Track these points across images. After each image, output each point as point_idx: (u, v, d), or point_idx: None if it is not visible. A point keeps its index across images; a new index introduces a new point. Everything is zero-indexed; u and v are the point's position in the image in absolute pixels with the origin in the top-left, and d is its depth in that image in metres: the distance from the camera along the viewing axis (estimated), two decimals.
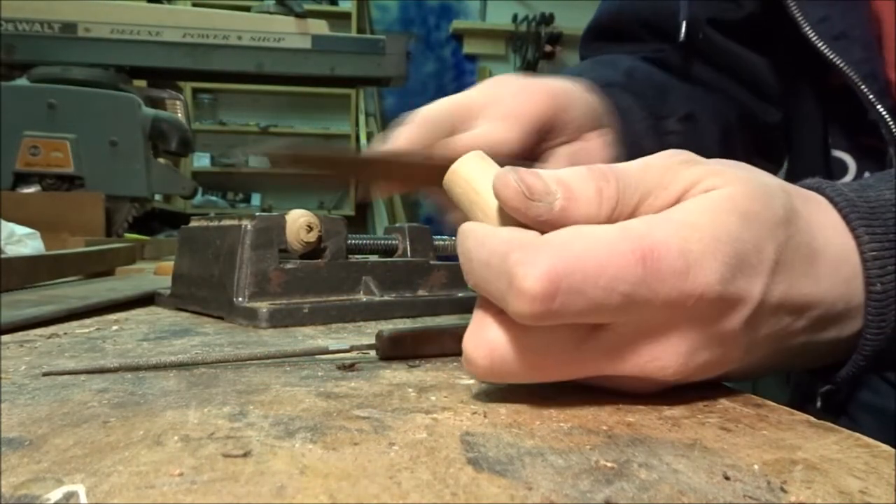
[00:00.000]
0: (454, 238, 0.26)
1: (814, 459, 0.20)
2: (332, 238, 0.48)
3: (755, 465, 0.19)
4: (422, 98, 0.51)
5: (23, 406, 0.23)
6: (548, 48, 3.97)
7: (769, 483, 0.18)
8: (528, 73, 0.48)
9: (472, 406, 0.24)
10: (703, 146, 0.53)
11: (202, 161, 3.82)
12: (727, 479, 0.18)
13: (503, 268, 0.22)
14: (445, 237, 0.56)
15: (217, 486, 0.16)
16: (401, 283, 0.51)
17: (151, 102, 1.53)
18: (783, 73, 0.63)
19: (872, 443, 0.21)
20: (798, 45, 0.52)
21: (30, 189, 1.34)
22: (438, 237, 0.55)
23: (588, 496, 0.16)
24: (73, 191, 1.35)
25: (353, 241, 0.50)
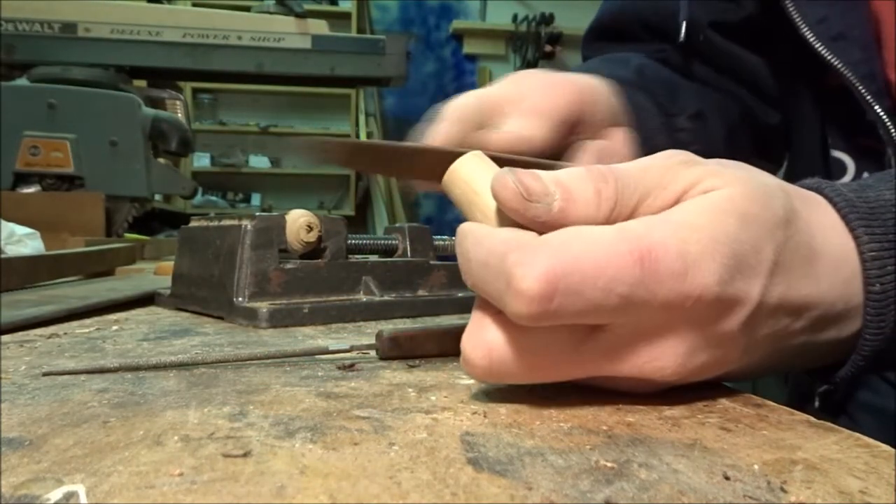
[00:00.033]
0: (454, 238, 0.26)
1: (814, 459, 0.20)
2: (332, 238, 0.48)
3: (755, 465, 0.19)
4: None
5: (23, 406, 0.23)
6: (548, 48, 3.97)
7: (769, 483, 0.18)
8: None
9: (472, 406, 0.24)
10: (712, 143, 0.53)
11: (202, 161, 3.83)
12: (727, 479, 0.18)
13: (501, 268, 0.22)
14: (445, 237, 0.56)
15: (217, 486, 0.16)
16: (401, 283, 0.51)
17: (151, 102, 1.54)
18: (782, 74, 0.63)
19: (872, 443, 0.21)
20: (797, 46, 0.52)
21: (30, 189, 1.35)
22: (438, 237, 0.55)
23: (588, 496, 0.16)
24: (73, 191, 1.35)
25: (353, 241, 0.50)
